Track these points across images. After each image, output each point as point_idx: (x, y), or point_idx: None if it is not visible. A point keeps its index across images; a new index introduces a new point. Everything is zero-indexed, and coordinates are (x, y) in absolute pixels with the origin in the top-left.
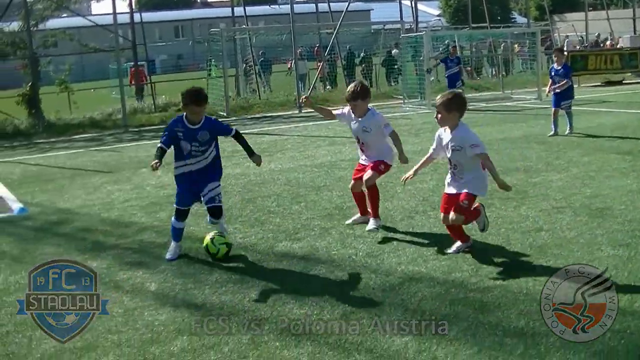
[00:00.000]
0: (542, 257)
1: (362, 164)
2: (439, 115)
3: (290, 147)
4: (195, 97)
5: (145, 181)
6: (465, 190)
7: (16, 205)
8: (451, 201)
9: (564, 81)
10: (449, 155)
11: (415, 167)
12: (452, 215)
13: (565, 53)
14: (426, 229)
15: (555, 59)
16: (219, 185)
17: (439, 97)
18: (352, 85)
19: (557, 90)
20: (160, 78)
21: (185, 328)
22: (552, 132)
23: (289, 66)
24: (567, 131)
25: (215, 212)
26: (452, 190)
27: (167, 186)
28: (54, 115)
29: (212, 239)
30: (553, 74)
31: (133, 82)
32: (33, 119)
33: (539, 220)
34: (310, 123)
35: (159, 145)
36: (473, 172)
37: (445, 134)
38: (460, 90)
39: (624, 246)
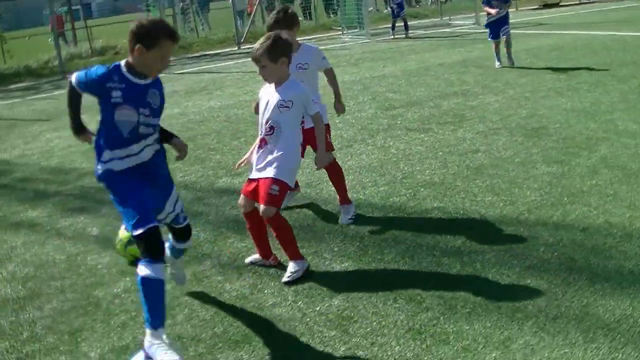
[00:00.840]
0: (479, 178)
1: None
2: (264, 69)
3: (230, 83)
4: (171, 30)
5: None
6: (273, 175)
7: None
8: (257, 189)
9: (506, 5)
10: (267, 117)
11: (250, 152)
12: (262, 208)
13: None
14: (364, 157)
15: None
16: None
17: (257, 44)
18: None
19: (494, 18)
20: (98, 22)
21: (128, 269)
22: (498, 64)
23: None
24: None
25: (187, 233)
26: (258, 173)
27: (193, 113)
28: None
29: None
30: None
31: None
32: None
33: (475, 142)
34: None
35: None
36: (289, 140)
37: (268, 91)
38: None
39: (558, 163)
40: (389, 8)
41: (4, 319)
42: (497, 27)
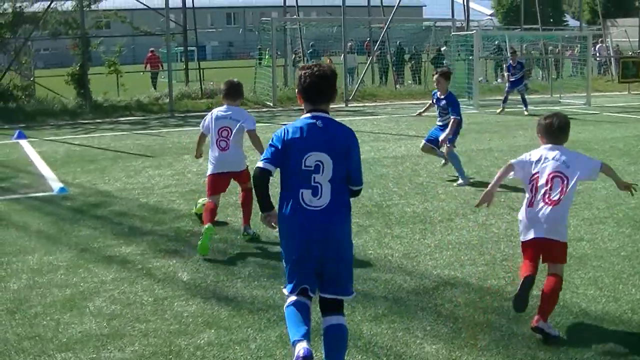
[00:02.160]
0: (582, 268)
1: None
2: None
3: None
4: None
5: (187, 168)
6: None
7: (56, 185)
8: (545, 251)
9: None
10: (548, 174)
11: (491, 186)
12: (557, 267)
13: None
14: (465, 233)
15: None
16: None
17: (544, 120)
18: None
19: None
20: (210, 64)
21: (214, 321)
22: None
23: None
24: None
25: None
26: (543, 232)
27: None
28: (102, 96)
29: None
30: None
31: (148, 67)
32: (80, 99)
33: (580, 229)
34: (358, 118)
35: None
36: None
37: (548, 152)
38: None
39: None
40: (499, 79)
41: (85, 354)
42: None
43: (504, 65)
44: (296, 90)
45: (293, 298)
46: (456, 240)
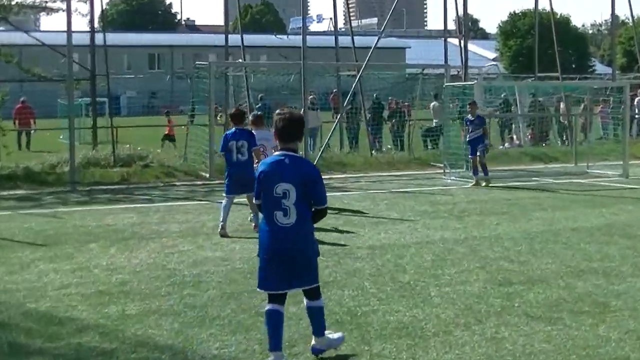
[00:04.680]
0: None
1: None
2: None
3: None
4: None
5: (93, 260)
6: None
7: None
8: None
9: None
10: None
11: None
12: None
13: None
14: (468, 350)
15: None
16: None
17: None
18: None
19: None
20: (125, 122)
21: None
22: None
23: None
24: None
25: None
26: None
27: (121, 270)
28: None
29: None
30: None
31: (17, 121)
32: None
33: (624, 346)
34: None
35: None
36: None
37: None
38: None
39: None
40: (507, 143)
41: None
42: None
43: (513, 126)
44: (272, 130)
45: (269, 306)
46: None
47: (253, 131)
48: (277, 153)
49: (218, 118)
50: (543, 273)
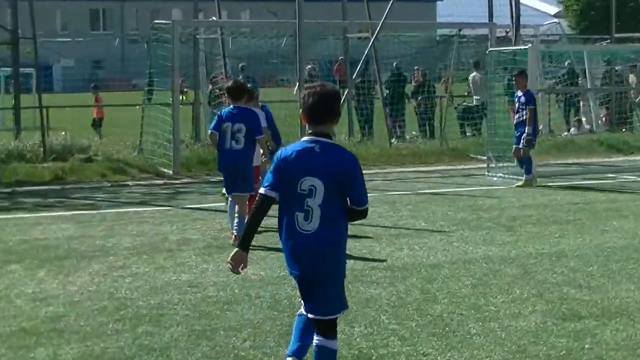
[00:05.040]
0: None
1: None
2: None
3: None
4: None
5: (15, 288)
6: None
7: None
8: None
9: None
10: None
11: None
12: None
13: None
14: None
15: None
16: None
17: None
18: None
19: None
20: (59, 100)
21: None
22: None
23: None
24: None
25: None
26: None
27: (53, 300)
28: None
29: None
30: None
31: None
32: None
33: None
34: None
35: None
36: None
37: None
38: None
39: None
40: (573, 129)
41: None
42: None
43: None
44: (300, 110)
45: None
46: None
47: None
48: (305, 138)
49: (184, 96)
50: (623, 303)
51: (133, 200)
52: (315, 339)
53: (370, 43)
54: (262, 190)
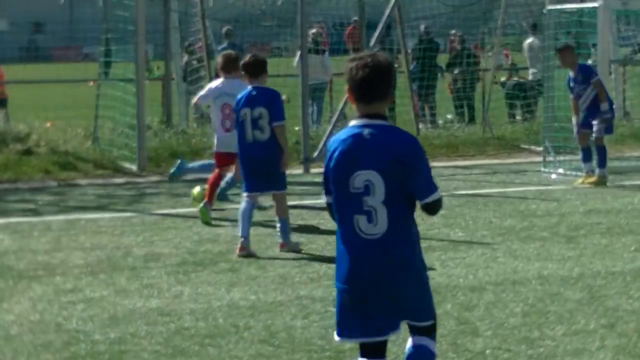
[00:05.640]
0: None
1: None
2: None
3: (292, 254)
4: None
5: None
6: None
7: None
8: None
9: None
10: None
11: None
12: None
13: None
14: None
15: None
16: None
17: None
18: None
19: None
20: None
21: None
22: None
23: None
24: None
25: None
26: None
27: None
28: None
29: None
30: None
31: None
32: None
33: None
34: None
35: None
36: None
37: None
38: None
39: None
40: None
41: None
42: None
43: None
44: (346, 87)
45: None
46: None
47: (220, 81)
48: (353, 122)
49: (155, 69)
50: None
51: (86, 204)
52: (416, 340)
53: (393, 1)
54: (323, 199)
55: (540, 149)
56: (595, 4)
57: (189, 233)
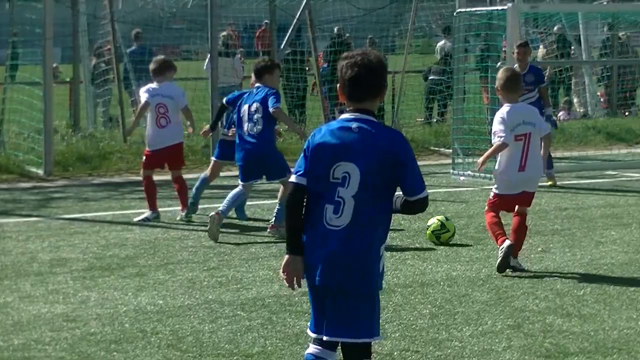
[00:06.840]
0: None
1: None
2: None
3: (201, 258)
4: None
5: None
6: None
7: None
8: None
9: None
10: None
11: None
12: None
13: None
14: None
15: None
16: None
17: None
18: None
19: None
20: None
21: None
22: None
23: (204, 67)
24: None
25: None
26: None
27: None
28: None
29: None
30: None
31: None
32: None
33: None
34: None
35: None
36: None
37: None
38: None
39: None
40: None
41: None
42: None
43: (573, 82)
44: (337, 85)
45: (311, 349)
46: None
47: (154, 85)
48: (344, 116)
49: (60, 71)
50: (622, 336)
51: None
52: None
53: (304, 2)
54: (292, 179)
55: (450, 151)
56: (504, 7)
57: (96, 238)
